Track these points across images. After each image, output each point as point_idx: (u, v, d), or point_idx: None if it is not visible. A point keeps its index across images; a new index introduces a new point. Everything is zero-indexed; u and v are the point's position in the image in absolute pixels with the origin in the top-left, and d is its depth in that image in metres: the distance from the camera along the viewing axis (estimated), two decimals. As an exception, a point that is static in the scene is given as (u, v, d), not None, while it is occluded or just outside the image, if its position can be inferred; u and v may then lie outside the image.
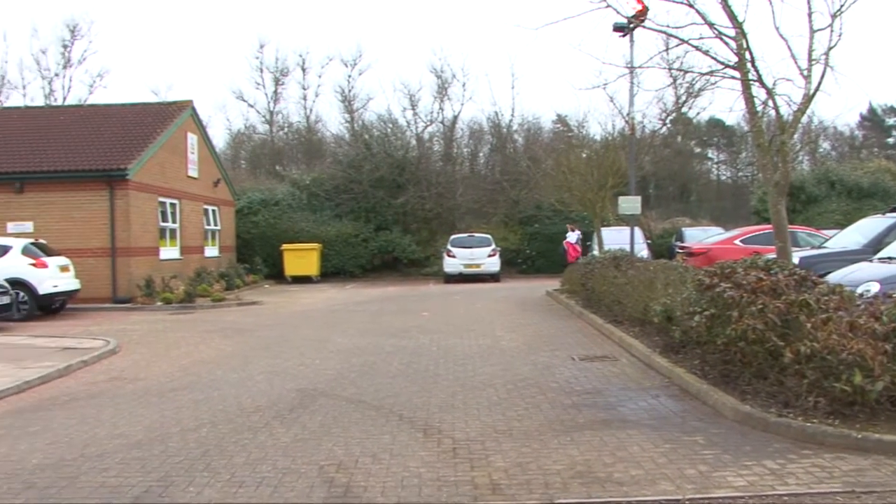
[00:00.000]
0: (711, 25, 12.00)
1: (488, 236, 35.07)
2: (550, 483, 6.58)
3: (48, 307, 22.09)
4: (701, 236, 28.36)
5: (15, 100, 57.66)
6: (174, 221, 29.20)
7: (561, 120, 47.94)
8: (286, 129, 63.04)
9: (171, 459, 7.47)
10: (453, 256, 33.61)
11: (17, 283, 20.53)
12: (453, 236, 35.29)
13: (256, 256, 35.71)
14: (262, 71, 62.05)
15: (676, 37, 12.83)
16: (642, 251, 26.34)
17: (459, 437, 8.01)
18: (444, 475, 6.84)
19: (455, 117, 47.97)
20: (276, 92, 62.22)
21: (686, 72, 22.09)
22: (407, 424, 8.63)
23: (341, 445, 7.82)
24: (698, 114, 54.49)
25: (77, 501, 6.37)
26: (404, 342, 15.09)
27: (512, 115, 47.37)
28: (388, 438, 8.05)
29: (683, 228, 35.43)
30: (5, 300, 18.97)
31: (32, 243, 22.15)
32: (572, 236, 32.94)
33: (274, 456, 7.50)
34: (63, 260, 22.48)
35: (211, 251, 33.08)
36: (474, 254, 33.60)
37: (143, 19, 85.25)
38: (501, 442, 7.82)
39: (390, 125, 44.54)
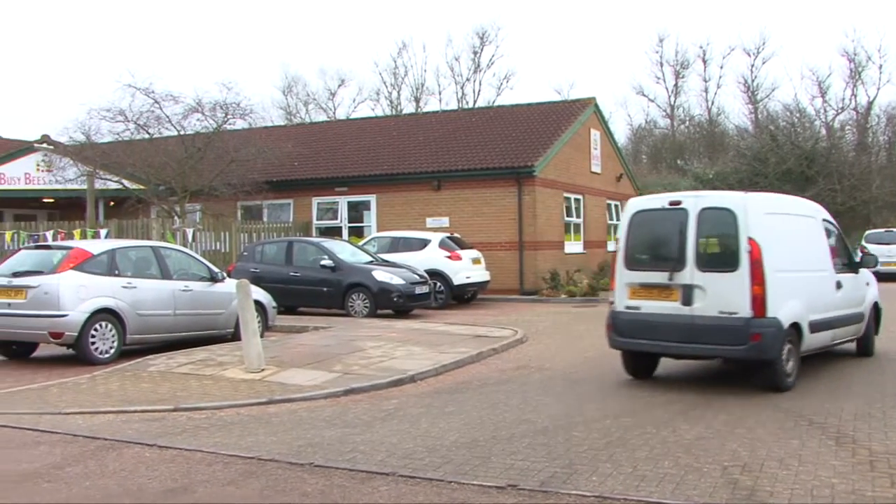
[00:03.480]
0: None
1: (910, 231, 32.27)
2: None
3: (461, 297, 23.61)
4: None
5: (432, 105, 62.44)
6: (578, 216, 29.93)
7: None
8: (687, 123, 62.31)
9: (575, 448, 7.68)
10: (869, 254, 31.25)
11: (435, 274, 22.20)
12: (868, 232, 32.86)
13: (657, 251, 35.47)
14: (661, 65, 61.98)
15: None
16: None
17: (877, 450, 7.45)
18: (859, 489, 6.40)
19: (870, 103, 44.78)
20: (676, 85, 61.82)
21: None
22: (817, 430, 8.19)
23: (746, 447, 7.59)
24: None
25: (487, 480, 6.76)
26: (813, 343, 14.31)
27: (940, 97, 43.15)
28: (796, 443, 7.69)
29: None
30: (424, 289, 20.63)
31: (448, 237, 23.82)
32: None
33: (676, 452, 7.45)
34: (475, 253, 23.89)
35: (613, 246, 33.37)
36: (892, 251, 31.01)
37: (547, 21, 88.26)
38: (927, 457, 7.18)
39: (797, 115, 42.43)
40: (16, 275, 13.50)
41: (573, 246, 29.31)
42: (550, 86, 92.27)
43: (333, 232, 28.40)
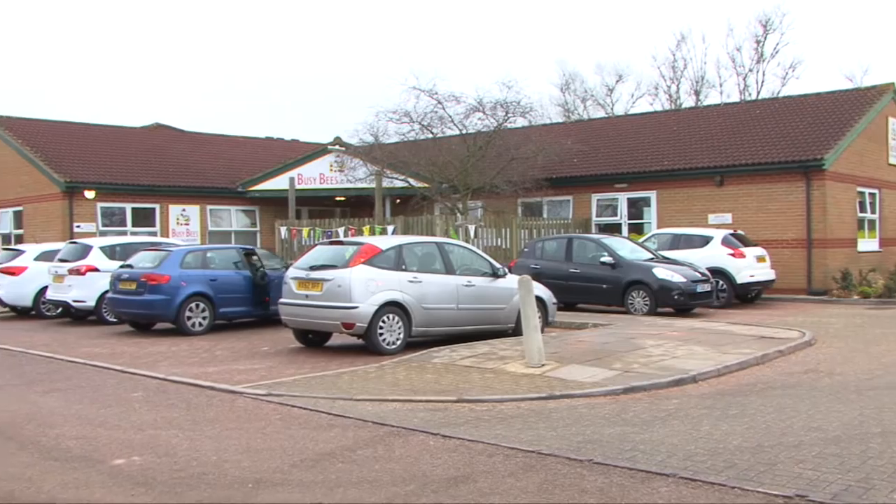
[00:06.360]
0: None
1: None
2: None
3: (744, 296, 22.81)
4: None
5: (713, 98, 60.36)
6: (873, 212, 28.10)
7: None
8: None
9: (872, 461, 7.20)
10: None
11: (717, 272, 21.56)
12: None
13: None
14: (975, 44, 56.62)
15: None
16: None
17: None
18: None
19: None
20: None
21: None
22: None
23: None
24: None
25: (773, 488, 6.49)
26: None
27: None
28: None
29: None
30: (706, 287, 20.10)
31: (731, 234, 23.09)
32: None
33: None
34: (759, 251, 23.01)
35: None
36: None
37: (836, 3, 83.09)
38: None
39: None
40: (312, 268, 14.52)
41: (867, 244, 27.51)
42: (841, 73, 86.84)
43: (613, 228, 28.30)
